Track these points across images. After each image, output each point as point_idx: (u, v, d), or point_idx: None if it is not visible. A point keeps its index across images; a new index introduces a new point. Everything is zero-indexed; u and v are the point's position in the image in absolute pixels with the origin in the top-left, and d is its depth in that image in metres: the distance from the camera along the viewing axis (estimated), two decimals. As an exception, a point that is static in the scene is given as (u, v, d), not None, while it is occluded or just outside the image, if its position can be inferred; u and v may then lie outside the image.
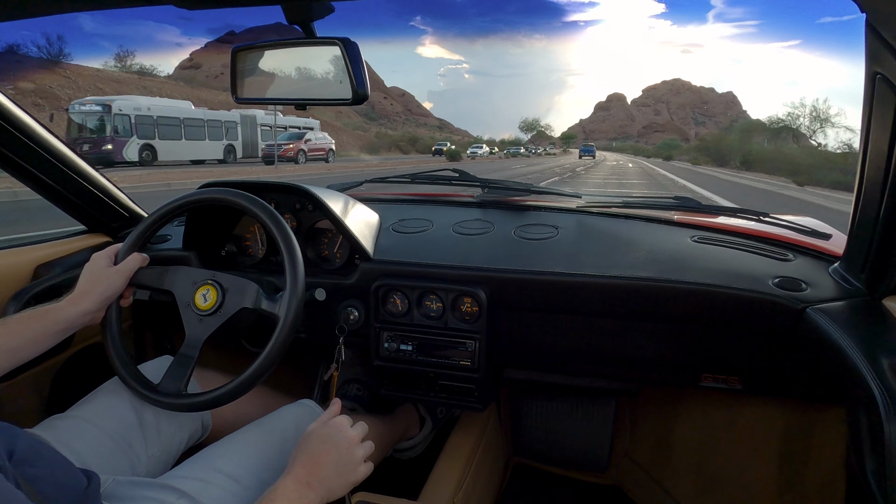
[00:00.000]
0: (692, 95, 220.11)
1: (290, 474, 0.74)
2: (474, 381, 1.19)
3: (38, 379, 1.24)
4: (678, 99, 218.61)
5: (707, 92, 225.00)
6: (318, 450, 0.78)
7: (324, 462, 0.77)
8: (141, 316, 1.50)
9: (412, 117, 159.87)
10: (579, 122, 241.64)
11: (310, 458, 0.76)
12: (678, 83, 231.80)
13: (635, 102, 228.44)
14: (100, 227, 1.44)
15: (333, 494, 0.77)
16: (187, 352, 0.94)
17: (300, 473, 0.74)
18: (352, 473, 0.80)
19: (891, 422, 0.67)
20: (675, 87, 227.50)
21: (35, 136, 1.15)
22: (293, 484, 0.73)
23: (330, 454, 0.78)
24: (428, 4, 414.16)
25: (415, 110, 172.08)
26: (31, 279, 1.25)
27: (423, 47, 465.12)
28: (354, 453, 0.81)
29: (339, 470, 0.78)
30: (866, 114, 0.76)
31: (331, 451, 0.78)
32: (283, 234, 0.93)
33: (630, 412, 1.62)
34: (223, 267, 1.27)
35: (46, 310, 0.88)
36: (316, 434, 0.80)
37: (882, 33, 0.64)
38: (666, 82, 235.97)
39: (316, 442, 0.79)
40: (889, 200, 0.77)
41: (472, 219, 1.34)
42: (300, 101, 0.89)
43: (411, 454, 1.51)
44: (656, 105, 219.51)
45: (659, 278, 1.05)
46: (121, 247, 0.98)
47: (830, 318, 0.87)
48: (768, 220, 1.25)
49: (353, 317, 1.22)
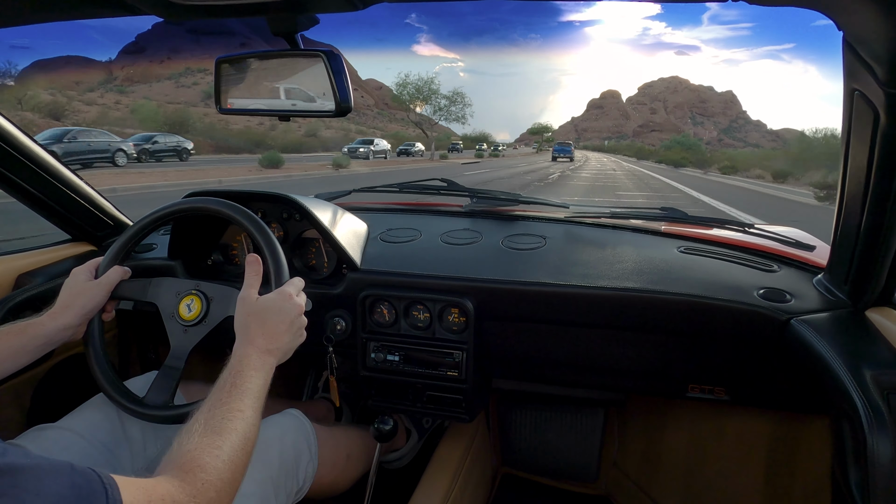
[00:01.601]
0: (690, 94, 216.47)
1: (252, 344, 0.79)
2: (462, 391, 1.19)
3: (20, 389, 1.22)
4: (675, 97, 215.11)
5: (705, 91, 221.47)
6: (274, 320, 0.82)
7: (280, 330, 0.82)
8: (125, 326, 1.48)
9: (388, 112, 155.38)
10: (571, 121, 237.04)
11: (267, 328, 0.81)
12: (675, 81, 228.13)
13: (630, 101, 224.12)
14: (84, 236, 1.42)
15: (286, 357, 0.84)
16: (173, 363, 0.93)
17: (260, 343, 0.79)
18: (300, 338, 0.87)
19: (873, 433, 0.68)
20: (673, 85, 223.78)
21: (17, 143, 1.14)
22: (256, 352, 0.78)
23: (283, 323, 0.83)
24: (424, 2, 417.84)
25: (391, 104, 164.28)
26: (12, 288, 1.24)
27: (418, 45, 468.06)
28: (301, 320, 0.87)
29: (291, 336, 0.84)
30: (846, 129, 0.77)
31: (283, 321, 0.83)
32: (268, 242, 0.92)
33: (618, 422, 1.62)
34: (209, 276, 1.26)
35: (26, 325, 0.86)
36: (270, 305, 0.83)
37: (859, 51, 0.65)
38: (663, 80, 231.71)
39: (271, 313, 0.83)
40: (869, 213, 0.78)
41: (460, 228, 1.34)
42: (283, 112, 0.89)
43: (399, 464, 1.50)
44: (652, 103, 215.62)
45: (645, 289, 1.05)
46: (101, 260, 0.97)
47: (814, 330, 0.88)
48: (754, 231, 1.26)
49: (340, 327, 1.21)
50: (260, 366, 0.77)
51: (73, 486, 0.44)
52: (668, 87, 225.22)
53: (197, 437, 0.63)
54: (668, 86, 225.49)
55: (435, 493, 1.17)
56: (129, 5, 0.71)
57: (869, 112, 0.69)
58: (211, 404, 0.69)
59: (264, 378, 0.77)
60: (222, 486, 0.60)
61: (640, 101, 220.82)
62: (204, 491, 0.57)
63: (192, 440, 0.62)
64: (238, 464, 0.64)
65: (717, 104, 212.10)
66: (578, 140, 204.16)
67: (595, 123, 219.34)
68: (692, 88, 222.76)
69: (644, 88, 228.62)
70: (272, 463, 0.93)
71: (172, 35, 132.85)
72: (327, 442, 1.07)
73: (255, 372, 0.76)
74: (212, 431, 0.64)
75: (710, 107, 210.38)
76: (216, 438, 0.63)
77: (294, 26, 0.76)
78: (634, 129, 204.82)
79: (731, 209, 10.43)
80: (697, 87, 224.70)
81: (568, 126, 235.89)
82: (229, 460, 0.62)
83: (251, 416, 0.70)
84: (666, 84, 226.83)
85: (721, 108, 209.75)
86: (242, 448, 0.66)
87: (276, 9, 0.73)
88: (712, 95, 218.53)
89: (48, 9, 0.83)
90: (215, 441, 0.63)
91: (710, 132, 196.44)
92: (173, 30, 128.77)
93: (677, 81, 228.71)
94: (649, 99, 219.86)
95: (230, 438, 0.64)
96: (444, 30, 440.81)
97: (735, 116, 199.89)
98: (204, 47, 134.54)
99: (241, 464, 0.65)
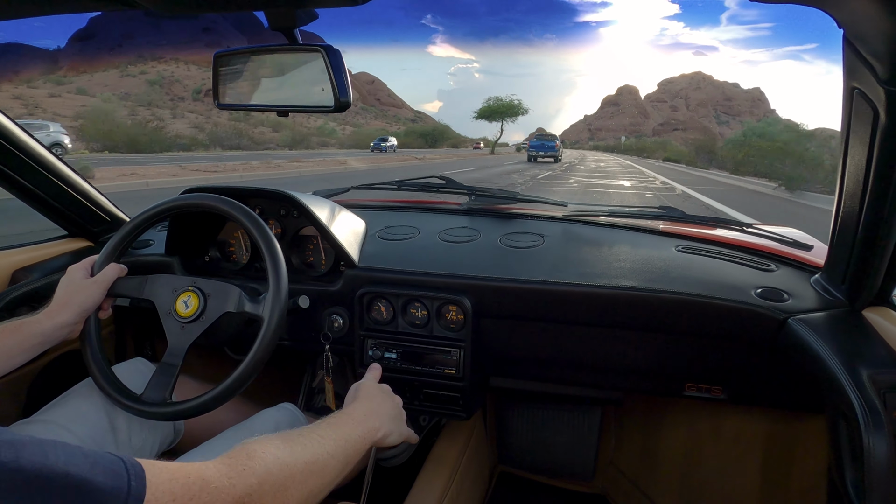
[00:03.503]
0: (714, 91, 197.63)
1: (349, 416, 0.78)
2: (459, 389, 1.19)
3: (15, 386, 1.22)
4: (698, 94, 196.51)
5: (731, 88, 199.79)
6: (375, 397, 0.84)
7: (383, 409, 0.83)
8: (121, 323, 1.48)
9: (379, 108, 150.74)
10: (584, 119, 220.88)
11: (368, 404, 0.82)
12: (698, 77, 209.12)
13: (649, 98, 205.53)
14: (81, 232, 1.42)
15: (386, 438, 0.81)
16: (170, 360, 0.93)
17: (371, 406, 0.81)
18: (403, 424, 0.87)
19: (870, 432, 0.68)
20: (695, 82, 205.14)
21: (13, 138, 1.13)
22: (365, 410, 0.79)
23: (386, 403, 0.84)
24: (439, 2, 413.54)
25: (385, 100, 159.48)
26: (8, 284, 1.23)
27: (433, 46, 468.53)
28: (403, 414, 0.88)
29: (394, 418, 0.84)
30: (845, 128, 0.77)
31: (386, 401, 0.85)
32: (265, 238, 0.92)
33: (615, 421, 1.62)
34: (206, 273, 1.25)
35: (22, 323, 0.86)
36: (370, 387, 0.86)
37: (859, 49, 0.65)
38: (685, 76, 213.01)
39: (372, 391, 0.84)
40: (867, 213, 0.78)
41: (458, 226, 1.34)
42: (282, 107, 0.88)
43: (395, 462, 1.50)
44: (673, 101, 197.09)
45: (643, 288, 1.05)
46: (97, 257, 0.96)
47: (811, 329, 0.88)
48: (752, 230, 1.27)
49: (338, 324, 1.21)
50: (363, 420, 0.77)
51: (85, 456, 0.42)
52: (690, 83, 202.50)
53: (264, 438, 0.60)
54: (691, 82, 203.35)
55: (432, 490, 1.17)
56: (127, 0, 0.70)
57: (868, 110, 0.70)
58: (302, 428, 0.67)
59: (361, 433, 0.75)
60: (266, 479, 0.55)
61: (660, 99, 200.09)
62: (243, 476, 0.53)
63: (256, 439, 0.59)
64: (293, 471, 0.59)
65: (743, 102, 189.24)
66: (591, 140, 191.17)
67: (610, 122, 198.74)
68: (716, 85, 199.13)
69: (664, 85, 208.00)
70: None
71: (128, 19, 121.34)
72: None
73: (356, 423, 0.75)
74: (281, 437, 0.62)
75: (736, 105, 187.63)
76: (281, 442, 0.61)
77: (293, 21, 0.76)
78: (654, 127, 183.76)
79: None
80: (722, 84, 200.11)
81: (580, 125, 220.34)
82: (283, 462, 0.58)
83: (330, 446, 0.66)
84: (688, 80, 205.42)
85: (748, 106, 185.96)
86: (306, 463, 0.61)
87: (275, 3, 0.73)
88: (738, 93, 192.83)
89: (44, 2, 0.82)
90: (278, 443, 0.60)
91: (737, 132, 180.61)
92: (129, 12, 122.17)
93: (700, 77, 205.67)
94: (669, 96, 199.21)
95: (295, 448, 0.61)
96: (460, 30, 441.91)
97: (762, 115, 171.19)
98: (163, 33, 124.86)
99: (298, 475, 0.59)
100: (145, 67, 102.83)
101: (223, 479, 0.51)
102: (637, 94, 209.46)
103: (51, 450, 0.40)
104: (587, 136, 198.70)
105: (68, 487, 0.39)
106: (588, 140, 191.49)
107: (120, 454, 0.45)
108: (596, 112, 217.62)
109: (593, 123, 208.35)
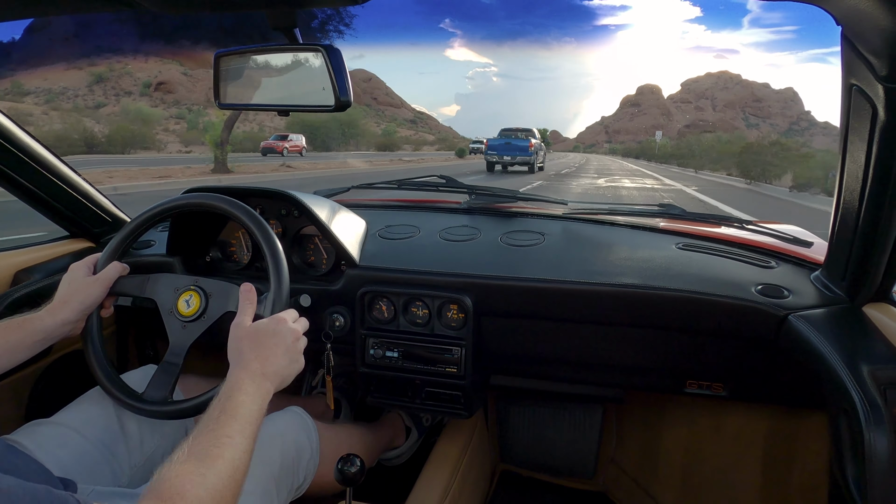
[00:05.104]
0: (743, 91, 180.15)
1: (246, 369, 0.76)
2: (461, 387, 1.19)
3: (18, 386, 1.22)
4: (725, 95, 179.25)
5: (761, 88, 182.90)
6: (269, 343, 0.80)
7: (276, 354, 0.79)
8: (123, 322, 1.48)
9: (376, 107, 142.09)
10: (601, 120, 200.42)
11: (262, 352, 0.78)
12: (725, 76, 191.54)
13: (672, 98, 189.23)
14: (82, 233, 1.42)
15: (284, 383, 0.81)
16: (172, 359, 0.93)
17: (255, 367, 0.76)
18: (297, 364, 0.84)
19: (871, 429, 0.68)
20: (722, 81, 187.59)
21: (15, 139, 1.13)
22: (249, 376, 0.75)
23: (279, 347, 0.80)
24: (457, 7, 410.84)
25: (382, 99, 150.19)
26: (10, 285, 1.23)
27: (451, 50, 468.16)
28: (298, 345, 0.84)
29: (288, 361, 0.81)
30: (844, 125, 0.77)
31: (279, 345, 0.80)
32: (266, 237, 0.92)
33: (616, 418, 1.62)
34: (207, 273, 1.26)
35: (24, 320, 0.86)
36: (265, 329, 0.81)
37: (857, 46, 0.65)
38: (710, 75, 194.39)
39: (266, 336, 0.80)
40: (867, 209, 0.78)
41: (458, 225, 1.34)
42: (283, 107, 0.89)
43: (398, 461, 1.50)
44: (699, 101, 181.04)
45: (643, 285, 1.05)
46: (100, 256, 0.96)
47: (812, 325, 0.88)
48: (752, 227, 1.27)
49: (339, 323, 1.21)
50: (254, 391, 0.73)
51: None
52: (716, 82, 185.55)
53: (179, 464, 0.59)
54: (717, 81, 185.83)
55: (434, 489, 1.17)
56: (127, 0, 0.71)
57: (867, 107, 0.70)
58: (198, 431, 0.65)
59: (259, 404, 0.73)
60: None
61: (684, 99, 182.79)
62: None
63: (173, 468, 0.58)
64: (224, 493, 0.60)
65: (774, 103, 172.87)
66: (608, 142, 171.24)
67: (630, 123, 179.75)
68: (744, 85, 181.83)
69: (688, 85, 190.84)
70: (273, 460, 0.93)
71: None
72: (329, 439, 1.07)
73: (248, 397, 0.72)
74: (195, 458, 0.60)
75: (766, 106, 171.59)
76: (199, 465, 0.59)
77: (293, 21, 0.76)
78: (679, 129, 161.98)
79: None
80: (751, 84, 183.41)
81: (596, 126, 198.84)
82: (213, 488, 0.58)
83: (241, 442, 0.66)
84: (714, 80, 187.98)
85: (779, 107, 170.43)
86: (230, 476, 0.62)
87: (276, 2, 0.73)
88: (769, 93, 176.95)
89: (45, 3, 0.83)
90: (198, 468, 0.59)
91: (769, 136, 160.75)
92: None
93: (727, 77, 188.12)
94: (694, 96, 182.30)
95: (216, 465, 0.60)
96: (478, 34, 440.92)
97: (796, 118, 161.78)
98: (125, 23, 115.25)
99: (229, 493, 0.61)
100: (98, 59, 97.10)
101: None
102: (659, 94, 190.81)
103: None
104: (604, 138, 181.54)
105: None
106: (605, 143, 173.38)
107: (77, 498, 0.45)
108: (614, 113, 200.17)
109: (611, 125, 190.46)
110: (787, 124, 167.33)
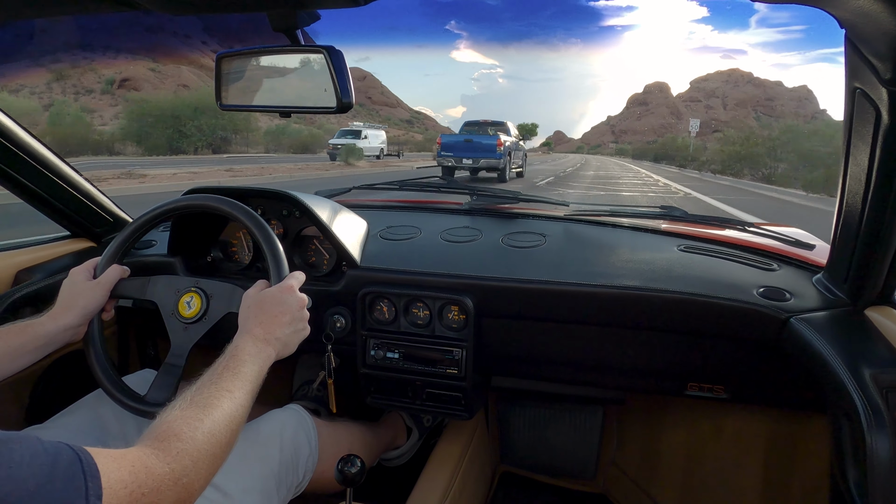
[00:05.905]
0: (754, 89, 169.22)
1: (249, 333, 0.79)
2: (461, 389, 1.19)
3: (18, 387, 1.22)
4: (736, 93, 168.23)
5: (773, 86, 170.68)
6: (274, 310, 0.83)
7: (280, 321, 0.82)
8: (124, 323, 1.48)
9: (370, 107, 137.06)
10: (607, 120, 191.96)
11: (266, 318, 0.82)
12: (735, 74, 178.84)
13: (681, 97, 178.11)
14: (83, 232, 1.42)
15: (287, 349, 0.84)
16: (173, 361, 0.93)
17: (258, 332, 0.79)
18: (302, 332, 0.87)
19: (872, 432, 0.68)
20: (733, 79, 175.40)
21: (16, 139, 1.13)
22: (252, 341, 0.78)
23: (284, 315, 0.83)
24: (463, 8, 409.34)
25: (377, 98, 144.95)
26: (11, 284, 1.23)
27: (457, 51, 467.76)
28: (304, 313, 0.87)
29: (292, 328, 0.84)
30: (847, 128, 0.77)
31: (285, 313, 0.83)
32: (267, 238, 0.92)
33: (617, 420, 1.62)
34: (209, 273, 1.26)
35: (26, 325, 0.86)
36: (270, 296, 0.84)
37: (861, 49, 0.65)
38: (720, 73, 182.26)
39: (271, 303, 0.83)
40: (870, 212, 0.78)
41: (460, 226, 1.34)
42: (285, 108, 0.89)
43: (398, 462, 1.50)
44: (709, 100, 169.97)
45: (645, 287, 1.05)
46: (99, 259, 0.96)
47: (814, 328, 0.88)
48: (754, 230, 1.27)
49: (340, 324, 1.21)
50: (256, 353, 0.76)
51: (46, 454, 0.44)
52: (726, 80, 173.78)
53: (178, 410, 0.62)
54: (727, 79, 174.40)
55: (434, 490, 1.17)
56: (128, 0, 0.71)
57: (870, 111, 0.69)
58: (200, 384, 0.68)
59: (259, 366, 0.76)
60: (199, 457, 0.58)
61: (693, 98, 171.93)
62: (179, 458, 0.56)
63: (173, 412, 0.61)
64: (220, 438, 0.62)
65: (787, 102, 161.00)
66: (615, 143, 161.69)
67: (637, 123, 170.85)
68: (757, 82, 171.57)
69: (697, 83, 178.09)
70: (273, 457, 0.93)
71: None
72: (328, 437, 1.07)
73: (251, 358, 0.75)
74: (195, 405, 0.63)
75: (780, 104, 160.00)
76: (198, 412, 0.62)
77: (295, 22, 0.76)
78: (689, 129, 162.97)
79: None
80: (763, 82, 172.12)
81: (602, 126, 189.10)
82: (209, 433, 0.61)
83: (240, 397, 0.69)
84: (724, 78, 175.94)
85: (793, 106, 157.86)
86: (227, 425, 0.64)
87: (278, 4, 0.73)
88: (781, 91, 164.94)
89: (46, 4, 0.83)
90: (197, 414, 0.62)
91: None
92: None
93: (738, 75, 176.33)
94: (704, 95, 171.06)
95: (213, 413, 0.63)
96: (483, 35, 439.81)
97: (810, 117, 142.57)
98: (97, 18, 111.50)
99: (224, 440, 0.63)
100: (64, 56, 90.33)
101: (163, 466, 0.54)
102: (668, 91, 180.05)
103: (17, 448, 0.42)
104: (610, 138, 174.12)
105: None
106: (611, 143, 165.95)
107: (75, 447, 0.46)
108: (621, 112, 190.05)
109: (618, 125, 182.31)
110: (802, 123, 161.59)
